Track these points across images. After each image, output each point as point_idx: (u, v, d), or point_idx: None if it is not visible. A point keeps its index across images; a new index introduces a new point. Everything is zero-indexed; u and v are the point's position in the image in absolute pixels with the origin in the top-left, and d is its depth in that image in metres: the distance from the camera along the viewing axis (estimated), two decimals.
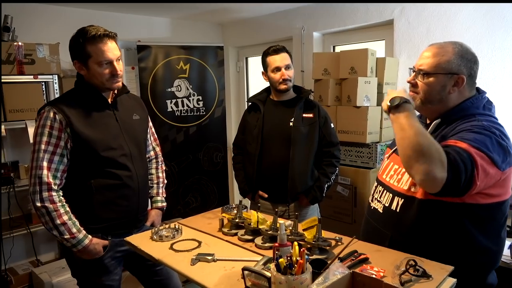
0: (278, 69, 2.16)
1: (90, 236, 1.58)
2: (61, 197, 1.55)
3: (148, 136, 1.92)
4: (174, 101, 3.38)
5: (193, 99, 3.45)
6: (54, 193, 1.52)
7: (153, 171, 1.96)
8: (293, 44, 3.44)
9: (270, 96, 2.30)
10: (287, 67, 2.16)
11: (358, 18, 3.00)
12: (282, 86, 2.17)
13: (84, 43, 1.54)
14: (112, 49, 1.58)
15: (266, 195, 2.23)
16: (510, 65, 2.32)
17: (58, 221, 1.51)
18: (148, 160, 1.93)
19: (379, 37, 3.03)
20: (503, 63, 2.34)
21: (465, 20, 2.45)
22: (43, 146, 1.51)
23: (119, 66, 1.61)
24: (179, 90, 3.40)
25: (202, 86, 3.49)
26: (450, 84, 1.29)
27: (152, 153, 1.97)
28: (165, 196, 1.97)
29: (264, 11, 3.53)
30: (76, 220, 1.56)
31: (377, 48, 2.71)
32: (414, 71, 1.37)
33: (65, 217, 1.53)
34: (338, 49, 3.37)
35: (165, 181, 2.00)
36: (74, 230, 1.54)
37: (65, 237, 1.52)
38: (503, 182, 1.23)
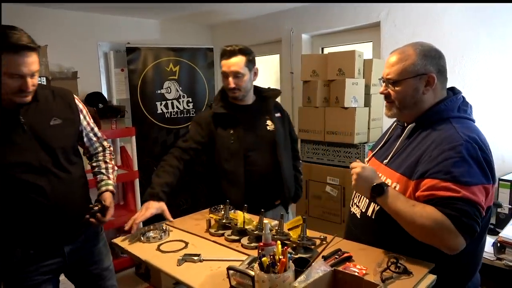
0: (225, 75, 1.89)
1: None
2: None
3: (90, 135, 1.72)
4: (164, 103, 3.39)
5: (183, 101, 3.46)
6: None
7: (100, 159, 1.77)
8: (282, 46, 3.47)
9: (229, 100, 1.97)
10: (236, 75, 1.86)
11: (346, 20, 3.03)
12: (230, 94, 1.93)
13: (1, 49, 1.32)
14: (29, 64, 1.37)
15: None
16: (494, 66, 2.37)
17: None
18: (95, 153, 1.78)
19: (366, 39, 3.07)
20: (486, 64, 2.39)
21: (450, 22, 2.49)
22: None
23: (33, 81, 1.42)
24: (169, 92, 3.40)
25: (192, 88, 3.50)
26: (422, 85, 1.28)
27: (100, 149, 1.79)
28: (114, 181, 1.76)
29: (254, 13, 3.55)
30: None
31: (364, 50, 2.74)
32: (383, 82, 1.38)
33: None
34: (326, 50, 3.40)
35: (116, 168, 1.81)
36: None
37: None
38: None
